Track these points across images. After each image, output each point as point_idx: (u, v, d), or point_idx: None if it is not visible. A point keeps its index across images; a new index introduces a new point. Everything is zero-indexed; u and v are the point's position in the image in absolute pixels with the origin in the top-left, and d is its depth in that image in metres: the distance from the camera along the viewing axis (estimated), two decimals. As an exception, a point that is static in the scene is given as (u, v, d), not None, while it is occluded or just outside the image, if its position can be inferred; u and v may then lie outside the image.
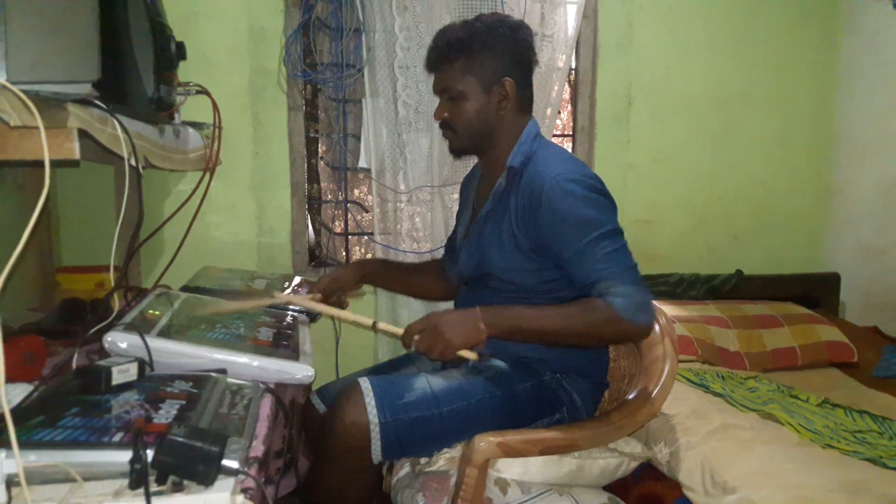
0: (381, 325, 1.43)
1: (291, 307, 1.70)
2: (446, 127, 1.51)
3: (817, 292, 2.79)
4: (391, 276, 1.85)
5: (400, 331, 1.39)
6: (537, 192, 1.37)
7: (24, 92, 0.85)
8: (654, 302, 1.38)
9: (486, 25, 1.44)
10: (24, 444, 0.79)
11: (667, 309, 2.17)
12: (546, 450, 1.32)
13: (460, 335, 1.32)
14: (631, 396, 1.45)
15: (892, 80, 2.62)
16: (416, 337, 1.35)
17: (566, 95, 2.71)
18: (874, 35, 2.69)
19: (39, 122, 0.84)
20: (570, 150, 2.74)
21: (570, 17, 2.51)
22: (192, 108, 1.76)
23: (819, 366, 2.39)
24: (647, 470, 1.70)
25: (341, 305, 1.70)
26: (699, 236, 2.84)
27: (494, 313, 1.35)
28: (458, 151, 1.55)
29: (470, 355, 1.35)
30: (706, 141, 2.79)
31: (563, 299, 1.40)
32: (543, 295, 1.43)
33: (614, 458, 1.41)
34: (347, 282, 1.71)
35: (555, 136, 2.69)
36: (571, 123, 2.76)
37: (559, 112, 2.65)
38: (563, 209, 1.34)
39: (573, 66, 2.66)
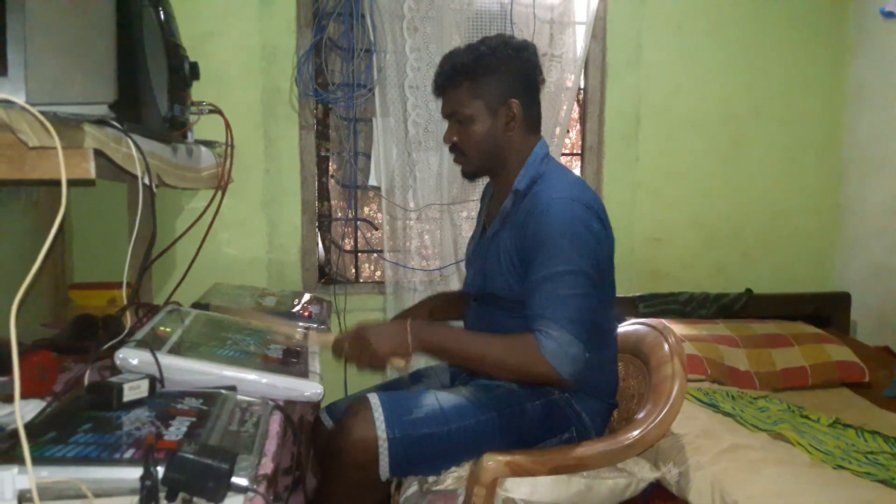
0: (311, 336, 1.52)
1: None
2: (456, 151, 1.52)
3: (828, 311, 2.77)
4: (454, 306, 1.81)
5: (330, 340, 1.46)
6: (531, 214, 1.38)
7: (43, 113, 0.86)
8: (667, 321, 1.37)
9: (490, 48, 1.44)
10: (37, 460, 0.80)
11: (676, 328, 2.16)
12: (555, 469, 1.32)
13: (386, 344, 1.36)
14: (640, 416, 1.44)
15: (902, 98, 2.62)
16: (346, 346, 1.40)
17: (575, 115, 2.72)
18: (883, 53, 2.69)
19: (57, 143, 0.86)
20: (578, 170, 2.75)
21: (578, 38, 2.53)
22: (204, 127, 1.77)
23: (830, 386, 2.37)
24: (657, 490, 1.69)
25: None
26: (709, 255, 2.84)
27: (423, 329, 1.39)
28: (471, 175, 1.56)
29: (400, 363, 1.40)
30: (715, 159, 2.79)
31: None
32: None
33: (623, 478, 1.41)
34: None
35: (564, 155, 2.71)
36: (580, 142, 2.77)
37: (568, 131, 2.67)
38: (543, 234, 1.34)
39: (582, 86, 2.68)
